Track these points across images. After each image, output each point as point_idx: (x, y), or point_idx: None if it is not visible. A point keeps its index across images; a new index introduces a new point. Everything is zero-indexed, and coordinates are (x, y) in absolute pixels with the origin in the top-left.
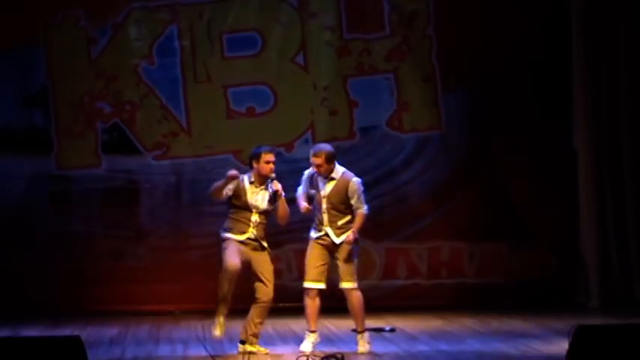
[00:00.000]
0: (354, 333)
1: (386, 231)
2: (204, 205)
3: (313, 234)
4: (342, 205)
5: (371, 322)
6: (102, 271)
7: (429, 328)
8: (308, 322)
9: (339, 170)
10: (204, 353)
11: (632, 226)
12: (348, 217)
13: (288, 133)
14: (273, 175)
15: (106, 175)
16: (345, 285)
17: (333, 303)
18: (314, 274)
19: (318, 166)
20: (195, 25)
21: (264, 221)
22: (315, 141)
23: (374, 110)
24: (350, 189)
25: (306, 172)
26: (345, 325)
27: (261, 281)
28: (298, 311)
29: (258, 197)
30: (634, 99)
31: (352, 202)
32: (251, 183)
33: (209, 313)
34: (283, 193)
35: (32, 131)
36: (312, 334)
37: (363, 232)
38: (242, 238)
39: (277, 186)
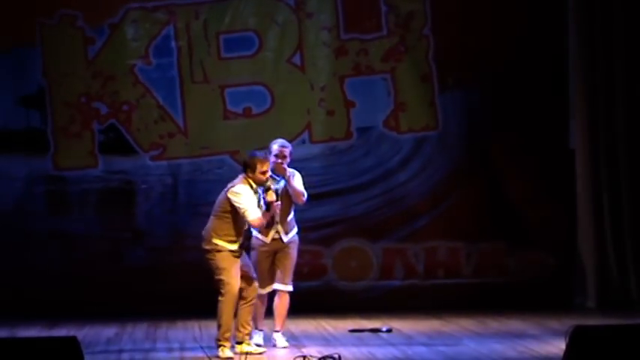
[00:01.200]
0: (274, 332)
1: (383, 231)
2: (200, 206)
3: (260, 238)
4: (290, 200)
5: (367, 323)
6: (99, 272)
7: (426, 328)
8: (257, 322)
9: None
10: (200, 354)
11: (629, 226)
12: (292, 214)
13: (285, 133)
14: (269, 183)
15: (103, 175)
16: (285, 288)
17: (330, 303)
18: (266, 282)
19: (284, 157)
20: (192, 25)
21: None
22: (312, 141)
23: (371, 110)
24: (296, 178)
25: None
26: (341, 325)
27: (246, 280)
28: (301, 313)
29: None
30: (631, 99)
31: (295, 187)
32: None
33: (206, 314)
34: (278, 203)
35: (29, 132)
36: (261, 332)
37: (360, 232)
38: (234, 247)
39: (272, 197)
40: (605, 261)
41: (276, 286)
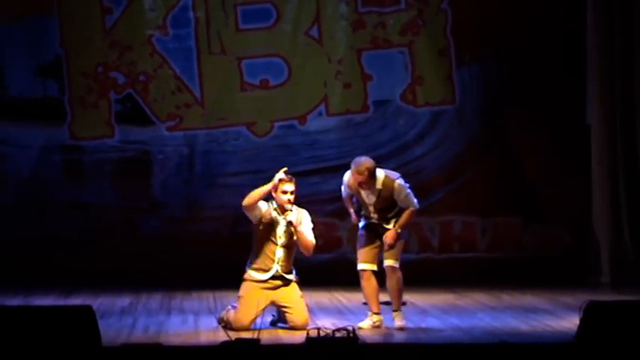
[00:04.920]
0: (378, 315)
1: None
2: (216, 177)
3: (362, 222)
4: (389, 206)
5: (382, 296)
6: (114, 242)
7: (440, 302)
8: (368, 304)
9: (379, 179)
10: (215, 324)
11: None
12: (397, 209)
13: (302, 105)
14: (290, 206)
15: (119, 145)
16: (388, 262)
17: (344, 276)
18: (366, 257)
19: (361, 183)
20: None
21: (290, 256)
22: (329, 114)
23: (388, 84)
24: (395, 194)
25: (346, 177)
26: (356, 298)
27: (290, 312)
28: (315, 285)
29: (283, 227)
30: None
31: (400, 203)
32: (275, 210)
33: (221, 284)
34: (298, 226)
35: (46, 101)
36: (374, 316)
37: None
38: (265, 276)
39: (290, 217)
40: (619, 237)
41: (384, 262)
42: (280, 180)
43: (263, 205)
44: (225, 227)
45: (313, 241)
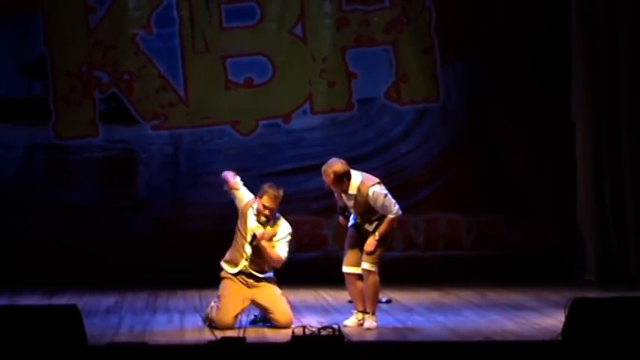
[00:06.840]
0: (363, 313)
1: None
2: (201, 175)
3: (352, 220)
4: (369, 210)
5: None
6: (99, 241)
7: (426, 299)
8: (354, 302)
9: (354, 184)
10: (200, 323)
11: (630, 200)
12: (379, 213)
13: (286, 104)
14: (263, 218)
15: (104, 144)
16: (363, 265)
17: (331, 274)
18: (350, 260)
19: (327, 184)
20: None
21: (261, 255)
22: (313, 112)
23: (372, 82)
24: (370, 201)
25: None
26: (341, 296)
27: (272, 313)
28: (301, 283)
29: (255, 229)
30: (633, 72)
31: (377, 210)
32: (256, 213)
33: (206, 283)
34: (262, 241)
35: (30, 100)
36: (359, 314)
37: None
38: (235, 270)
39: (257, 231)
40: (605, 234)
41: (361, 265)
42: (267, 195)
43: (244, 197)
44: (211, 226)
45: (281, 256)
